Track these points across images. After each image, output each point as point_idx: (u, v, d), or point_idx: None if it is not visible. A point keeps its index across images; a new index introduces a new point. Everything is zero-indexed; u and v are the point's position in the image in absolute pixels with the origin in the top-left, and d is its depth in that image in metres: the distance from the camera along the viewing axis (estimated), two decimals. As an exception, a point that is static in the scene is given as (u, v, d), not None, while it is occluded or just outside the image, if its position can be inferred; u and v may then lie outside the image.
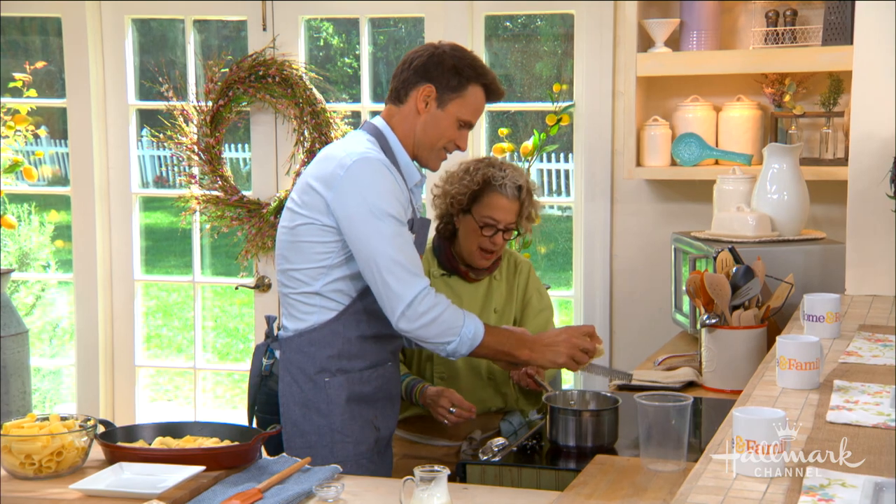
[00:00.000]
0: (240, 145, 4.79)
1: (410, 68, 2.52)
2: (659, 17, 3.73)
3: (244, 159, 4.85)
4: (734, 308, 2.80)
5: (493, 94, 2.57)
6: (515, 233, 2.92)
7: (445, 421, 2.78)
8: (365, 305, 2.49)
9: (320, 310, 2.48)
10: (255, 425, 2.59)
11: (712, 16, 3.70)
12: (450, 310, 2.42)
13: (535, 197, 2.95)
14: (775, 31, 3.65)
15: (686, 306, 3.33)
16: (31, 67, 4.31)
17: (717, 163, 3.75)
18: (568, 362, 2.53)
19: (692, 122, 3.77)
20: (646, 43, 3.75)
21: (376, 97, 4.31)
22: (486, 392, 2.95)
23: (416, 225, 2.53)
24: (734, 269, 2.85)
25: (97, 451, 2.21)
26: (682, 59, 3.69)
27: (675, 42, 3.74)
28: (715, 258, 2.97)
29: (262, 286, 4.28)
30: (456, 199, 2.86)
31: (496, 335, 2.50)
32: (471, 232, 2.86)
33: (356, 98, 4.35)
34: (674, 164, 3.78)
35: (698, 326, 2.89)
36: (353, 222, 2.39)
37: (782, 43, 3.65)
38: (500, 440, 2.44)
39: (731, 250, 2.94)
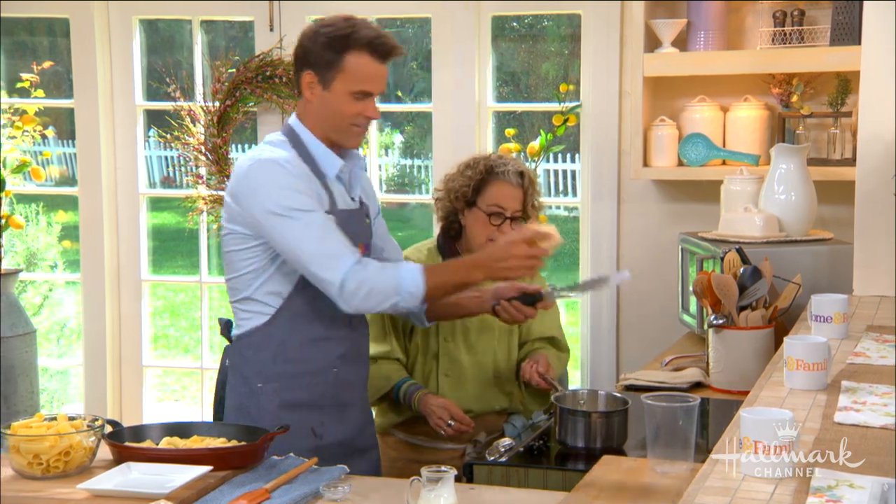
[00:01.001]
0: (247, 145, 4.80)
1: (295, 57, 2.45)
2: (666, 17, 3.73)
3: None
4: (741, 308, 2.80)
5: (379, 50, 2.39)
6: (523, 222, 2.91)
7: (442, 432, 2.78)
8: (298, 307, 2.44)
9: (255, 315, 2.46)
10: None
11: (719, 16, 3.70)
12: (380, 274, 2.33)
13: (538, 187, 2.94)
14: (783, 31, 3.65)
15: (693, 307, 3.33)
16: (39, 68, 4.32)
17: (724, 163, 3.75)
18: (522, 272, 2.38)
19: (699, 123, 3.77)
20: (653, 43, 3.75)
21: (384, 98, 4.31)
22: (490, 391, 2.94)
23: (340, 217, 2.43)
24: (741, 269, 2.85)
25: (105, 451, 2.21)
26: (690, 59, 3.69)
27: (682, 42, 3.74)
28: (722, 259, 2.97)
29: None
30: (460, 192, 2.85)
31: (441, 270, 2.43)
32: (479, 224, 2.85)
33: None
34: (681, 164, 3.78)
35: (705, 327, 2.89)
36: (263, 227, 2.37)
37: (790, 43, 3.64)
38: (506, 440, 2.44)
39: (739, 251, 2.94)
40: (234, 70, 4.18)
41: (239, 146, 4.79)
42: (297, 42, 2.45)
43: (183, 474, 2.05)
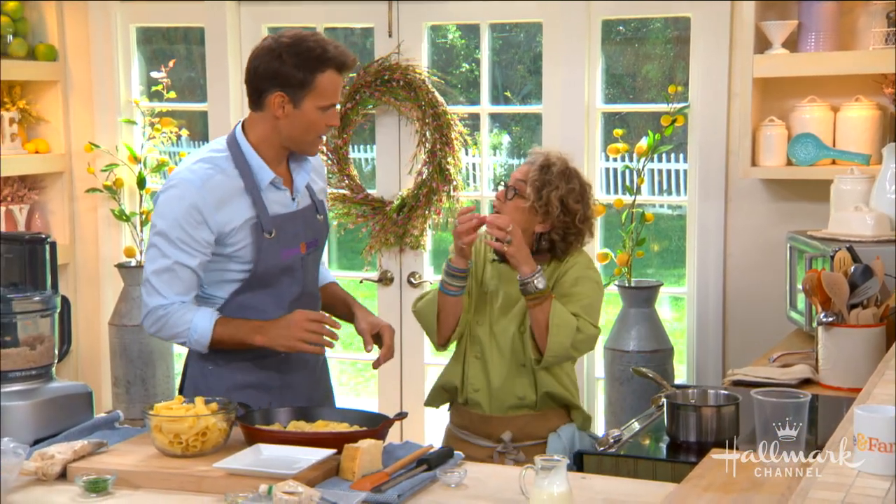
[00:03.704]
0: (365, 146, 4.93)
1: (257, 76, 2.47)
2: (776, 19, 3.73)
3: (366, 159, 5.00)
4: (852, 307, 2.80)
5: (344, 67, 2.48)
6: (525, 199, 2.75)
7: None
8: (243, 300, 2.55)
9: (205, 303, 2.58)
10: None
11: (831, 17, 3.68)
12: (174, 317, 2.49)
13: (589, 195, 2.83)
14: (896, 30, 3.61)
15: (801, 304, 3.33)
16: (167, 69, 4.51)
17: (833, 163, 3.73)
18: (300, 344, 2.47)
19: (809, 123, 3.76)
20: (762, 44, 3.75)
21: (493, 100, 4.43)
22: (518, 382, 2.77)
23: (274, 222, 2.52)
24: (852, 267, 2.85)
25: (237, 433, 2.33)
26: (801, 60, 3.68)
27: (792, 43, 3.73)
28: (832, 257, 2.97)
29: (384, 280, 4.41)
30: None
31: (228, 326, 2.50)
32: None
33: (474, 101, 4.46)
34: (789, 163, 3.78)
35: (814, 324, 2.90)
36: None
37: (903, 43, 3.60)
38: (615, 432, 2.51)
39: (850, 249, 2.94)
40: (354, 74, 4.29)
41: (358, 146, 4.92)
42: (255, 61, 2.47)
43: (309, 456, 2.14)
